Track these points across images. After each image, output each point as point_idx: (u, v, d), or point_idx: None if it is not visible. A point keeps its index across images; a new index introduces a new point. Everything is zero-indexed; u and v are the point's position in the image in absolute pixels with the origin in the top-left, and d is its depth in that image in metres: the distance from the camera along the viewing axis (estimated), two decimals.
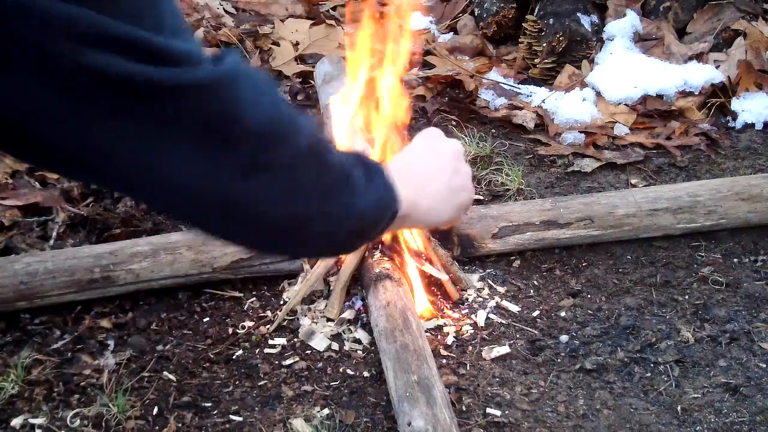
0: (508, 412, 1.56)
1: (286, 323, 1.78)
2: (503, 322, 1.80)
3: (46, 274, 1.76)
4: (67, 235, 2.02)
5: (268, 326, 1.78)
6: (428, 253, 1.85)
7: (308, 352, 1.71)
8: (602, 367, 1.68)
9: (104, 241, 1.98)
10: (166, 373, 1.66)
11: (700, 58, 2.72)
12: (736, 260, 1.99)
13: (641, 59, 2.74)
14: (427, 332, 1.71)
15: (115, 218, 2.05)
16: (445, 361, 1.68)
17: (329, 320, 1.78)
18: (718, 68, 2.66)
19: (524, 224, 1.95)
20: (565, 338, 1.75)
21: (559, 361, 1.70)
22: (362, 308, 1.80)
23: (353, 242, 0.93)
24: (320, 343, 1.73)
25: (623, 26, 2.82)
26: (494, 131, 2.55)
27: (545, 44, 2.78)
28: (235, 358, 1.70)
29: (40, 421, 1.54)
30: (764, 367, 1.68)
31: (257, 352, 1.72)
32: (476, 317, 1.80)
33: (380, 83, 1.74)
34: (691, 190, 2.04)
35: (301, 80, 2.77)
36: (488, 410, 1.56)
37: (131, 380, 1.62)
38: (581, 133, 2.49)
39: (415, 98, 2.67)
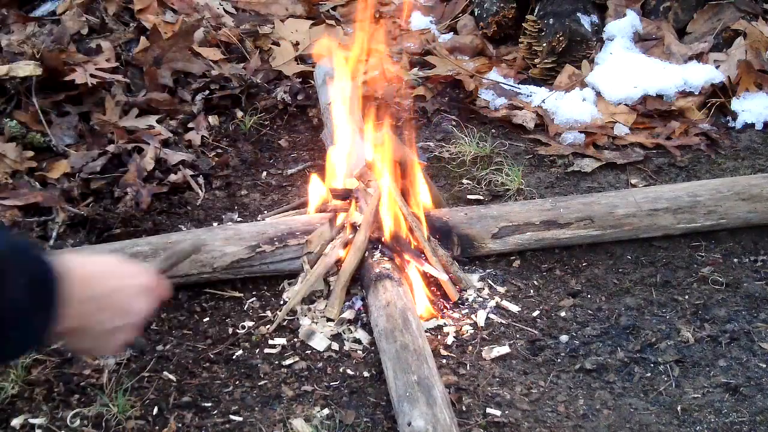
0: (508, 412, 1.56)
1: (286, 323, 1.78)
2: (503, 322, 1.80)
3: None
4: (67, 235, 2.03)
5: (268, 326, 1.78)
6: (428, 253, 1.85)
7: (308, 352, 1.71)
8: (602, 367, 1.68)
9: (104, 241, 1.98)
10: (166, 373, 1.66)
11: (700, 58, 2.73)
12: (736, 260, 1.99)
13: (641, 59, 2.74)
14: (427, 332, 1.72)
15: (115, 218, 2.05)
16: (445, 361, 1.68)
17: (329, 320, 1.78)
18: (718, 68, 2.67)
19: (524, 224, 1.95)
20: (565, 338, 1.75)
21: (559, 361, 1.70)
22: (362, 308, 1.80)
23: None
24: (320, 343, 1.73)
25: (623, 26, 2.83)
26: (494, 131, 2.55)
27: (545, 44, 2.78)
28: (235, 358, 1.70)
29: (40, 421, 1.54)
30: (764, 367, 1.68)
31: (257, 352, 1.72)
32: (476, 317, 1.80)
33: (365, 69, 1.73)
34: (691, 190, 2.04)
35: (301, 80, 2.77)
36: (488, 410, 1.56)
37: (131, 380, 1.62)
38: (581, 133, 2.50)
39: (415, 98, 2.67)
